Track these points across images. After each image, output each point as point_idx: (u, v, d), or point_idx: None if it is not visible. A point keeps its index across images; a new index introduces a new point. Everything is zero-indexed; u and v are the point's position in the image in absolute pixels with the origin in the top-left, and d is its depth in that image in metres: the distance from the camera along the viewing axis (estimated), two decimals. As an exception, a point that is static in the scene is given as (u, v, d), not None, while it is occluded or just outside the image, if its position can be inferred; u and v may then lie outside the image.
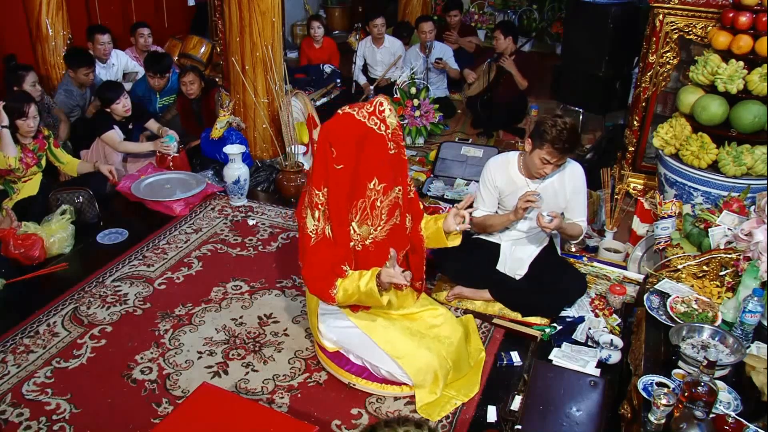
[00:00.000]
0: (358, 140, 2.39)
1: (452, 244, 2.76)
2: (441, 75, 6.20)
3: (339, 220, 2.49)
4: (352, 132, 2.38)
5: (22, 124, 3.78)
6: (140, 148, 4.55)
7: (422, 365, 2.60)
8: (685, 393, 2.03)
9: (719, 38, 3.43)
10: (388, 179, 2.49)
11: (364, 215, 2.54)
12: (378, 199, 2.51)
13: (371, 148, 2.42)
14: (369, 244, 2.60)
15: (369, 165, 2.44)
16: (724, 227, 3.02)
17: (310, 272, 2.55)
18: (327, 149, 2.39)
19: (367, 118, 2.40)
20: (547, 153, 2.92)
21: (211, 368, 2.86)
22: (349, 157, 2.39)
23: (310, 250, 2.52)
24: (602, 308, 3.20)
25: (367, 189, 2.48)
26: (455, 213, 2.66)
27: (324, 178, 2.44)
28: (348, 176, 2.42)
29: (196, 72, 4.81)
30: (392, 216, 2.57)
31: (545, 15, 8.33)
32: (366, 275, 2.50)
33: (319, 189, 2.45)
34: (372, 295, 2.47)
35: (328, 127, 2.41)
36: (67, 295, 3.34)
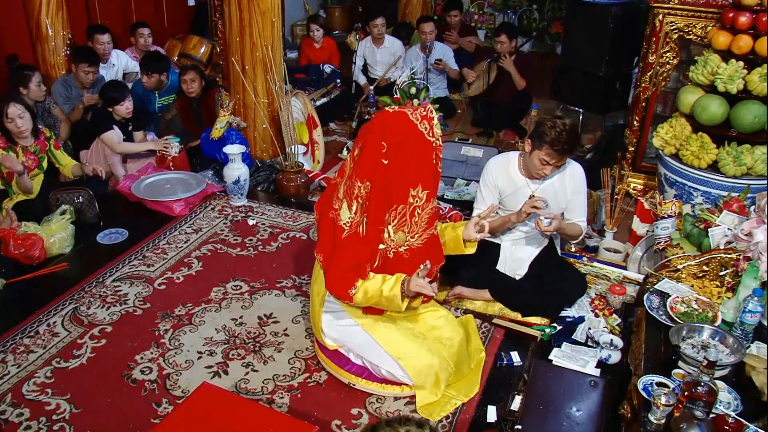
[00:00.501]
0: (410, 140, 2.36)
1: (469, 252, 2.76)
2: (441, 75, 6.21)
3: (376, 217, 2.44)
4: (405, 130, 2.36)
5: (9, 126, 3.74)
6: (139, 148, 4.55)
7: (423, 367, 2.60)
8: (685, 393, 2.03)
9: (719, 38, 3.43)
10: (431, 188, 2.44)
11: (402, 221, 2.49)
12: (419, 206, 2.45)
13: (419, 152, 2.38)
14: (404, 251, 2.55)
15: (415, 169, 2.39)
16: (724, 227, 3.03)
17: (333, 266, 2.50)
18: (378, 142, 2.35)
19: (419, 121, 2.37)
20: (546, 154, 2.92)
21: (211, 368, 2.86)
22: (398, 155, 2.36)
23: (341, 243, 2.47)
24: (602, 308, 3.20)
25: (410, 195, 2.43)
26: (476, 221, 2.67)
27: (370, 171, 2.38)
28: (393, 175, 2.38)
29: (197, 71, 4.81)
30: (431, 226, 2.52)
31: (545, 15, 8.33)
32: (390, 280, 2.47)
33: (363, 181, 2.40)
34: (394, 301, 2.46)
35: (383, 120, 2.38)
36: (67, 295, 3.34)
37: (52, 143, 4.00)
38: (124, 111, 4.43)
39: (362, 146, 2.42)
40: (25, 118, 3.78)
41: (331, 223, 2.53)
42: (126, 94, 4.45)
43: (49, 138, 3.99)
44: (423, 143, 2.38)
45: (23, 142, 3.84)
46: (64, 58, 5.15)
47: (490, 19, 8.51)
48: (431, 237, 2.55)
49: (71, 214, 3.80)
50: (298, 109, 4.92)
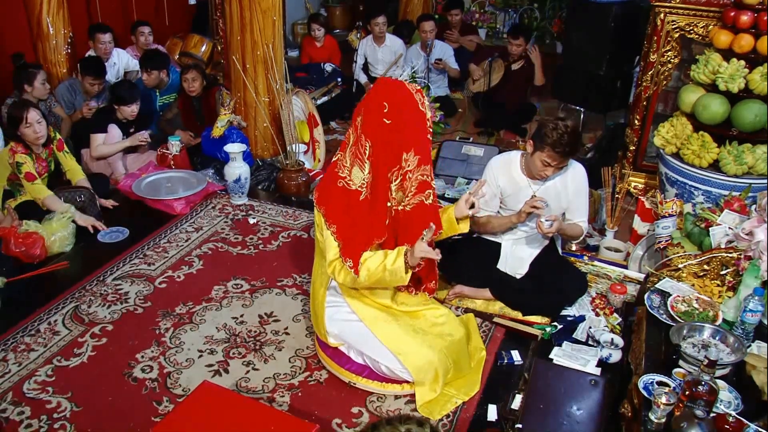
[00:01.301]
0: (407, 106, 2.47)
1: (463, 230, 2.77)
2: (442, 74, 6.20)
3: (382, 173, 2.52)
4: (404, 96, 2.47)
5: (26, 131, 3.73)
6: (114, 149, 4.48)
7: (423, 363, 2.60)
8: (686, 392, 2.03)
9: (720, 37, 3.43)
10: (423, 153, 2.52)
11: (399, 182, 2.57)
12: (411, 170, 2.53)
13: (414, 118, 2.48)
14: (401, 210, 2.62)
15: (410, 133, 2.48)
16: (725, 226, 3.02)
17: (352, 232, 2.54)
18: (380, 102, 2.46)
19: (414, 92, 2.49)
20: (547, 156, 2.92)
21: (211, 367, 2.86)
22: (397, 116, 2.45)
23: (360, 205, 2.54)
24: (603, 307, 3.20)
25: (402, 159, 2.50)
26: (466, 198, 2.69)
27: (373, 130, 2.48)
28: (391, 135, 2.47)
29: (198, 69, 4.81)
30: (421, 192, 2.56)
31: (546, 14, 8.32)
32: (392, 254, 2.51)
33: (371, 139, 2.49)
34: (397, 273, 2.49)
35: (383, 84, 2.51)
36: (67, 293, 3.34)
37: (56, 144, 3.99)
38: (128, 112, 4.43)
39: (365, 108, 2.53)
40: (42, 124, 3.77)
41: (342, 192, 2.56)
42: (136, 98, 4.44)
43: (54, 139, 3.98)
44: (418, 111, 2.48)
45: (37, 150, 3.83)
46: (65, 56, 5.15)
47: (491, 18, 8.50)
48: (420, 204, 2.59)
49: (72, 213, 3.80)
50: (299, 107, 4.92)
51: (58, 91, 4.88)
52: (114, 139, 4.46)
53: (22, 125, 3.71)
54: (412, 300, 2.85)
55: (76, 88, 4.95)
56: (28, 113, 3.70)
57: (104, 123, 4.45)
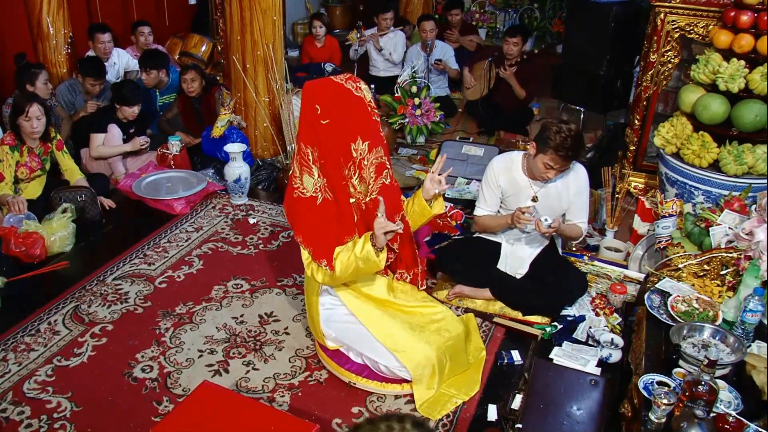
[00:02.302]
0: (340, 98, 2.50)
1: (437, 211, 2.75)
2: (442, 74, 6.20)
3: (336, 173, 2.54)
4: (333, 90, 2.51)
5: (24, 124, 3.76)
6: (114, 152, 4.49)
7: (421, 359, 2.60)
8: (686, 392, 2.03)
9: (720, 37, 3.43)
10: (372, 137, 2.55)
11: (359, 175, 2.58)
12: (364, 158, 2.55)
13: (352, 107, 2.51)
14: (369, 201, 2.63)
15: (351, 124, 2.50)
16: (725, 226, 3.02)
17: (315, 237, 2.55)
18: (312, 107, 2.49)
19: (344, 82, 2.52)
20: (550, 159, 2.92)
21: (211, 367, 2.86)
22: (333, 112, 2.48)
23: (319, 209, 2.55)
24: (603, 307, 3.20)
25: (352, 149, 2.52)
26: (431, 178, 2.68)
27: (314, 135, 2.51)
28: (334, 132, 2.49)
29: (197, 70, 4.81)
30: (380, 175, 2.60)
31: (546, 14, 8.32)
32: (359, 241, 2.51)
33: (312, 146, 2.52)
34: (369, 258, 2.47)
35: (311, 86, 2.53)
36: (68, 293, 3.34)
37: (55, 144, 4.00)
38: (129, 113, 4.43)
39: (300, 117, 2.57)
40: (42, 121, 3.81)
41: (298, 201, 2.58)
42: (139, 99, 4.44)
43: (53, 138, 3.99)
44: (353, 99, 2.51)
45: (31, 143, 3.85)
46: (65, 56, 5.15)
47: (491, 18, 8.50)
48: (383, 186, 2.62)
49: (72, 213, 3.80)
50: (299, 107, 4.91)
51: (58, 91, 4.88)
52: (114, 139, 4.46)
53: (22, 117, 3.75)
54: (411, 295, 2.84)
55: (77, 88, 4.95)
56: (30, 107, 3.75)
57: (104, 122, 4.44)
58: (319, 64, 6.49)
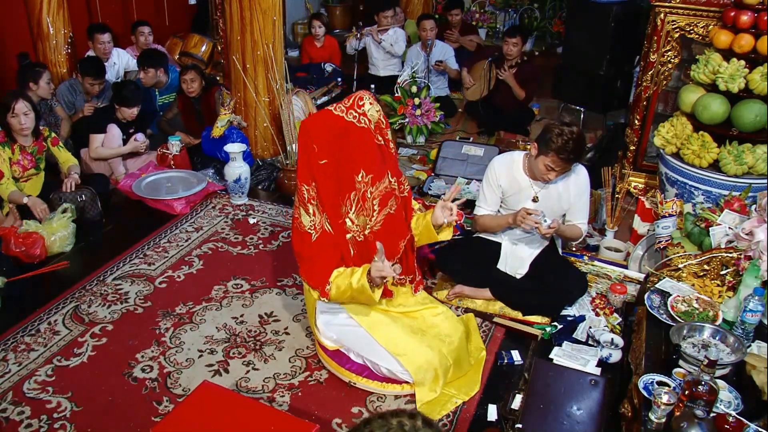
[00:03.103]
0: (338, 134, 2.44)
1: (443, 238, 2.75)
2: (442, 74, 6.20)
3: (333, 213, 2.53)
4: (330, 127, 2.44)
5: (11, 121, 3.73)
6: (114, 153, 4.48)
7: (423, 363, 2.60)
8: (686, 392, 2.03)
9: (720, 37, 3.43)
10: (375, 170, 2.52)
11: (359, 207, 2.56)
12: (368, 190, 2.53)
13: (353, 141, 2.46)
14: (368, 234, 2.62)
15: (352, 158, 2.47)
16: (725, 226, 3.02)
17: (310, 267, 2.58)
18: (309, 145, 2.44)
19: (345, 113, 2.46)
20: (551, 161, 2.91)
21: (211, 367, 2.86)
22: (331, 151, 2.44)
23: (314, 246, 2.55)
24: (603, 307, 3.20)
25: (356, 181, 2.51)
26: (442, 205, 2.66)
27: (309, 174, 2.48)
28: (332, 170, 2.46)
29: (196, 70, 4.80)
30: (384, 206, 2.58)
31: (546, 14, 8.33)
32: (357, 272, 2.50)
33: (308, 184, 2.50)
34: (364, 292, 2.47)
35: (307, 124, 2.47)
36: (68, 293, 3.34)
37: (50, 141, 3.99)
38: (128, 113, 4.43)
39: (298, 156, 2.52)
40: (30, 117, 3.77)
41: (297, 232, 2.60)
42: (139, 101, 4.44)
43: (47, 137, 3.98)
44: (355, 132, 2.45)
45: (22, 141, 3.82)
46: (65, 56, 5.15)
47: (491, 18, 8.50)
48: (388, 216, 2.60)
49: (72, 213, 3.80)
50: (299, 107, 4.92)
51: (58, 91, 4.88)
52: (114, 138, 4.46)
53: (8, 114, 3.73)
54: (410, 300, 2.84)
55: (77, 88, 4.95)
56: (16, 103, 3.71)
57: (104, 123, 4.44)
58: (319, 64, 6.50)
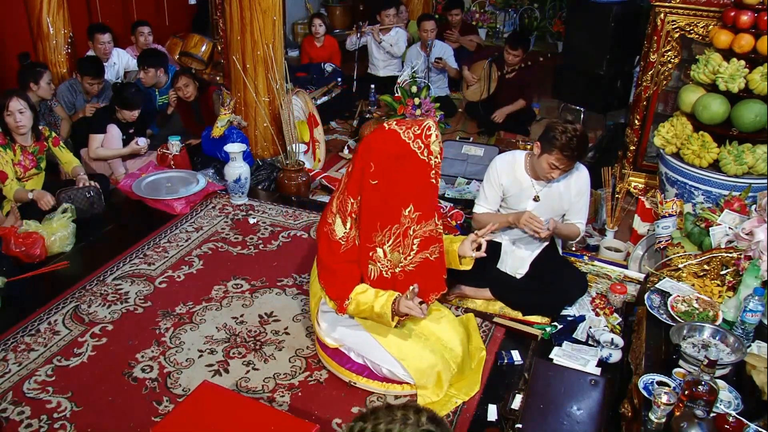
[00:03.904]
0: (399, 161, 2.28)
1: (464, 268, 2.73)
2: (442, 74, 6.20)
3: (366, 236, 2.42)
4: (394, 151, 2.27)
5: (7, 120, 3.72)
6: (113, 154, 4.49)
7: (425, 367, 2.60)
8: (686, 392, 2.03)
9: (720, 37, 3.43)
10: (425, 208, 2.37)
11: (396, 242, 2.43)
12: (411, 227, 2.40)
13: (411, 172, 2.30)
14: (398, 272, 2.51)
15: (406, 189, 2.32)
16: (725, 226, 3.02)
17: (332, 278, 2.52)
18: (366, 162, 2.30)
19: (412, 140, 2.27)
20: (555, 159, 2.91)
21: (211, 367, 2.86)
22: (386, 175, 2.29)
23: (341, 256, 2.48)
24: (603, 307, 3.20)
25: (402, 215, 2.37)
26: (473, 239, 2.64)
27: (358, 189, 2.36)
28: (381, 195, 2.32)
29: (188, 74, 4.81)
30: (425, 249, 2.45)
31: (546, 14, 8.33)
32: (382, 296, 2.46)
33: (354, 198, 2.38)
34: (383, 318, 2.47)
35: (371, 140, 2.32)
36: (68, 293, 3.34)
37: (51, 141, 3.99)
38: (128, 115, 4.43)
39: (352, 164, 2.39)
40: (25, 115, 3.75)
41: (326, 237, 2.52)
42: (139, 104, 4.44)
43: (48, 137, 3.98)
44: (415, 163, 2.29)
45: (21, 141, 3.81)
46: (65, 56, 5.16)
47: (491, 18, 8.51)
48: (425, 262, 2.47)
49: (72, 213, 3.80)
50: (299, 107, 4.92)
51: (58, 91, 4.88)
52: (113, 139, 4.46)
53: (4, 113, 3.71)
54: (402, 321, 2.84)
55: (77, 89, 4.95)
56: (10, 101, 3.69)
57: (103, 123, 4.44)
58: (319, 63, 6.50)
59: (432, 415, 1.34)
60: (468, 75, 5.85)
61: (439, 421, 1.35)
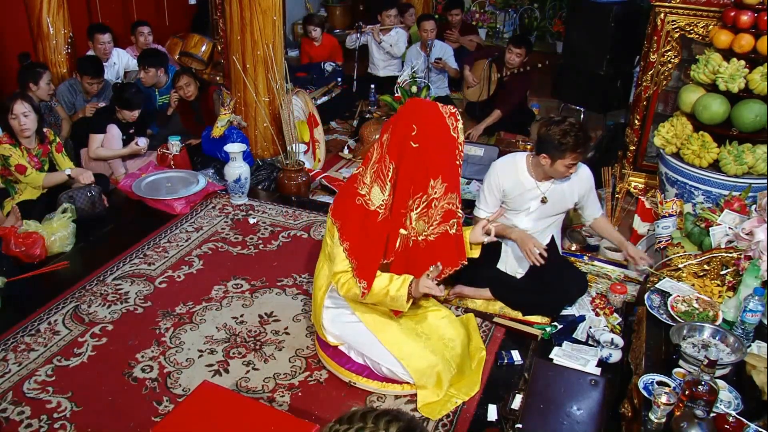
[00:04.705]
0: (438, 129, 2.41)
1: (473, 255, 2.76)
2: (442, 74, 6.20)
3: (401, 200, 2.47)
4: (435, 118, 2.41)
5: (12, 123, 3.74)
6: (113, 155, 4.49)
7: (425, 367, 2.60)
8: (686, 392, 2.03)
9: (720, 37, 3.43)
10: (451, 181, 2.46)
11: (422, 211, 2.51)
12: (436, 198, 2.47)
13: (444, 143, 2.42)
14: (421, 241, 2.57)
15: (438, 159, 2.42)
16: (725, 226, 3.03)
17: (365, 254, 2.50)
18: (408, 125, 2.39)
19: (447, 116, 2.42)
20: (571, 159, 2.94)
21: (211, 367, 2.86)
22: (427, 139, 2.39)
23: (377, 226, 2.48)
24: (603, 307, 3.20)
25: (429, 185, 2.45)
26: (483, 225, 2.69)
27: (399, 152, 2.42)
28: (419, 160, 2.40)
29: (189, 73, 4.81)
30: (446, 221, 2.51)
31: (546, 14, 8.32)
32: (397, 280, 2.50)
33: (394, 161, 2.42)
34: (398, 300, 2.49)
35: (414, 103, 2.45)
36: (68, 293, 3.34)
37: (55, 147, 3.99)
38: (128, 115, 4.43)
39: (393, 126, 2.45)
40: (30, 118, 3.77)
41: (359, 210, 2.51)
42: (139, 105, 4.44)
43: (53, 142, 3.98)
44: (448, 137, 2.43)
45: (26, 143, 3.83)
46: (65, 56, 5.16)
47: (491, 18, 8.51)
48: (444, 234, 2.54)
49: (72, 213, 3.80)
50: (299, 107, 4.92)
51: (58, 91, 4.88)
52: (114, 139, 4.46)
53: (8, 116, 3.73)
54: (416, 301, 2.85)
55: (77, 88, 4.95)
56: (15, 104, 3.71)
57: (104, 123, 4.44)
58: (319, 63, 6.50)
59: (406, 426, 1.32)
60: (469, 76, 5.85)
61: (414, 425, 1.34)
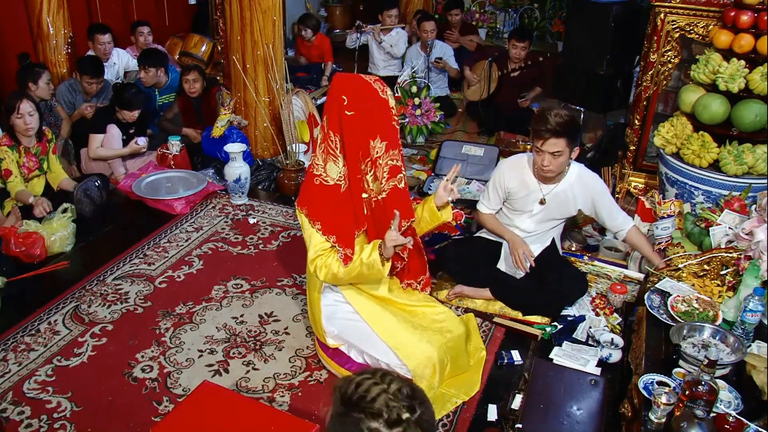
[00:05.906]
0: (366, 95, 2.55)
1: (446, 218, 2.85)
2: (442, 74, 6.20)
3: (354, 167, 2.59)
4: (361, 86, 2.57)
5: (17, 122, 3.75)
6: (113, 155, 4.50)
7: (422, 358, 2.60)
8: (686, 392, 2.03)
9: (720, 37, 3.43)
10: (390, 138, 2.59)
11: (373, 173, 2.62)
12: (380, 156, 2.59)
13: (375, 106, 2.56)
14: (381, 200, 2.66)
15: (372, 120, 2.55)
16: (725, 226, 3.03)
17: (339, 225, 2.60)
18: (339, 98, 2.54)
19: (373, 81, 2.58)
20: (537, 144, 2.97)
21: (211, 367, 2.86)
22: (359, 106, 2.53)
23: (343, 196, 2.61)
24: (603, 307, 3.20)
25: (370, 147, 2.57)
26: (444, 186, 2.80)
27: (338, 123, 2.56)
28: (358, 125, 2.53)
29: (198, 70, 4.81)
30: (393, 177, 2.63)
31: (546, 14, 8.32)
32: (368, 248, 2.56)
33: (336, 133, 2.57)
34: (374, 266, 2.53)
35: (340, 77, 2.61)
36: (68, 293, 3.34)
37: (51, 147, 4.00)
38: (129, 115, 4.44)
39: (327, 105, 2.63)
40: (34, 117, 3.79)
41: (320, 189, 2.62)
42: (139, 105, 4.44)
43: (51, 141, 3.98)
44: (378, 99, 2.57)
45: (26, 142, 3.84)
46: (65, 56, 5.16)
47: (491, 18, 8.50)
48: (395, 189, 2.64)
49: (72, 213, 3.80)
50: (299, 107, 4.92)
51: (58, 91, 4.89)
52: (114, 139, 4.46)
53: (13, 115, 3.74)
54: (413, 296, 2.86)
55: (77, 88, 4.95)
56: (21, 103, 3.73)
57: (103, 123, 4.45)
58: (319, 64, 6.51)
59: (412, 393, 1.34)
60: (470, 75, 5.85)
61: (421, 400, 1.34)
